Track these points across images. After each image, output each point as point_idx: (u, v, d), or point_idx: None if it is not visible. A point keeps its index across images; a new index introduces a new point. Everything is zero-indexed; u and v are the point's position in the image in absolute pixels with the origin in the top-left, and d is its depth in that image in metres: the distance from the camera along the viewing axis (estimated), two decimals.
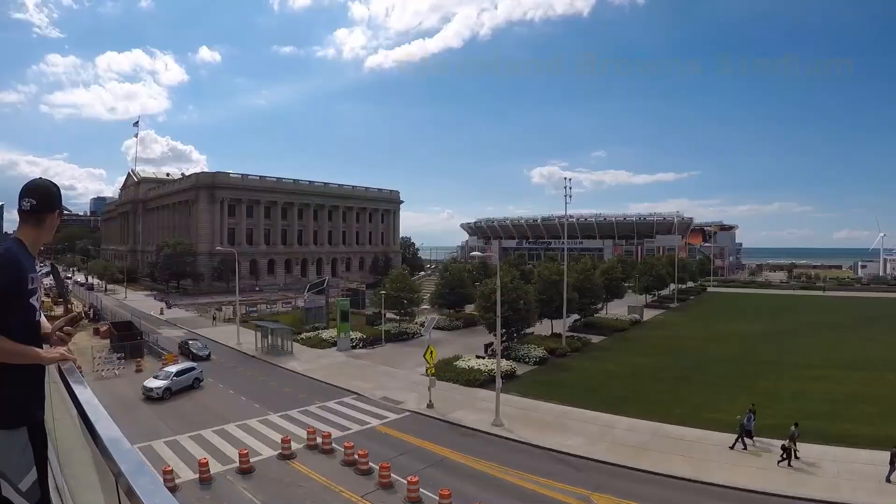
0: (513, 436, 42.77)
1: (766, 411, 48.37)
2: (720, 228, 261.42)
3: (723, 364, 68.67)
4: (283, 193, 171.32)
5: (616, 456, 39.17)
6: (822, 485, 35.05)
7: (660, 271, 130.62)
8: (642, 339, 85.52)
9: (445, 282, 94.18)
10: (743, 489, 34.52)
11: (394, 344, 78.33)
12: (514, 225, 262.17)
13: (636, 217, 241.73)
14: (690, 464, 37.95)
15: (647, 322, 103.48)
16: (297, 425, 44.47)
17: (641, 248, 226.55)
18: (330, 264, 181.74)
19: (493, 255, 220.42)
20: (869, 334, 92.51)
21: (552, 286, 77.29)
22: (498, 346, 51.97)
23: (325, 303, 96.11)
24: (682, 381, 59.75)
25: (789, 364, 68.77)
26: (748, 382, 59.70)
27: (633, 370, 64.66)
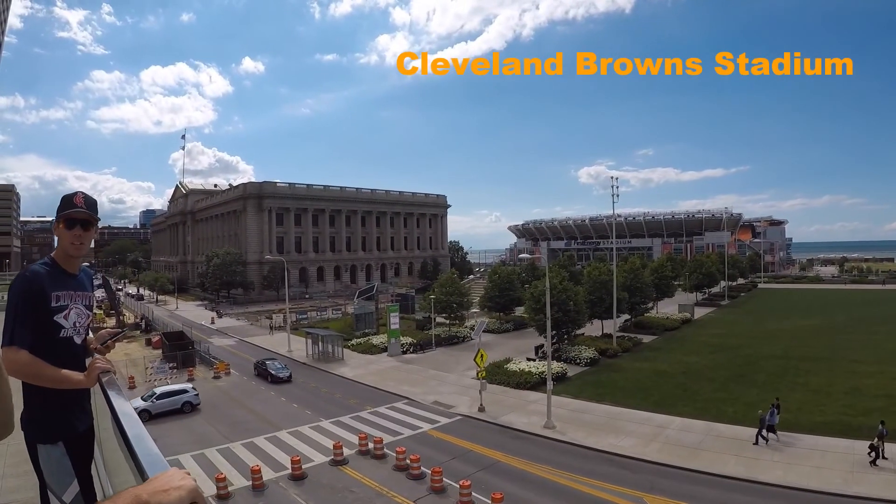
0: (565, 438, 42.54)
1: (820, 408, 48.56)
2: (769, 224, 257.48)
3: (775, 361, 67.65)
4: (329, 201, 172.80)
5: (669, 456, 38.84)
6: (880, 482, 34.35)
7: (709, 268, 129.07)
8: (693, 338, 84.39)
9: (494, 284, 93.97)
10: (797, 488, 33.96)
11: (444, 348, 78.37)
12: (561, 226, 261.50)
13: (684, 214, 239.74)
14: (743, 463, 37.51)
15: (697, 320, 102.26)
16: (349, 431, 44.62)
17: (690, 246, 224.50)
18: (379, 270, 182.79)
19: (542, 256, 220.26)
20: None
21: (601, 286, 76.82)
22: (548, 347, 51.76)
23: (374, 308, 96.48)
24: (735, 380, 58.94)
25: (842, 360, 67.42)
26: (801, 379, 58.98)
27: (685, 369, 63.89)
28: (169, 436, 44.74)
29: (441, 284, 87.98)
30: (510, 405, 50.70)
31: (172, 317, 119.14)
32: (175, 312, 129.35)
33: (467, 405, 50.64)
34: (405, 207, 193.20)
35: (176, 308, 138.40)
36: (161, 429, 46.23)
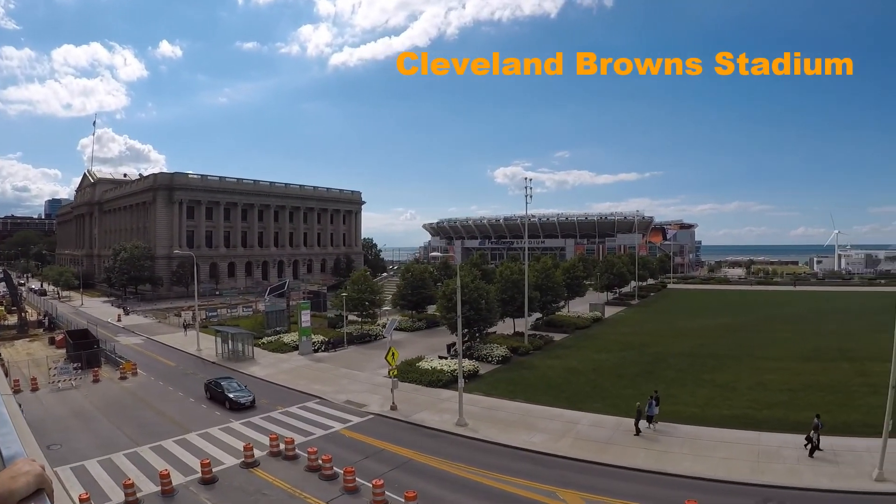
0: (477, 435, 42.88)
1: (727, 403, 50.49)
2: (680, 227, 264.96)
3: (683, 358, 69.66)
4: (243, 194, 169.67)
5: (581, 451, 39.63)
6: (783, 471, 35.98)
7: (620, 269, 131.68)
8: (604, 336, 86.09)
9: (407, 283, 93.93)
10: (706, 479, 35.19)
11: (356, 346, 77.88)
12: (476, 225, 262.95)
13: (597, 216, 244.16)
14: (653, 456, 38.60)
15: (608, 319, 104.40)
16: (260, 432, 43.98)
17: (603, 247, 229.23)
18: (291, 267, 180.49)
19: (455, 255, 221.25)
20: (824, 326, 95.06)
21: (514, 285, 77.54)
22: (460, 346, 51.73)
23: (286, 306, 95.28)
24: (644, 376, 60.41)
25: (748, 357, 70.25)
26: (708, 375, 60.92)
27: (596, 366, 65.13)
28: (74, 440, 43.39)
29: (354, 282, 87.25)
30: (422, 403, 50.82)
31: (77, 314, 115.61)
32: (80, 309, 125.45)
33: (379, 404, 50.54)
34: (319, 203, 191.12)
35: (81, 304, 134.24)
36: (66, 434, 44.83)
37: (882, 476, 34.13)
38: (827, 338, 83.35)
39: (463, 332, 56.18)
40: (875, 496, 32.90)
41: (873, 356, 65.57)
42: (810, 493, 33.43)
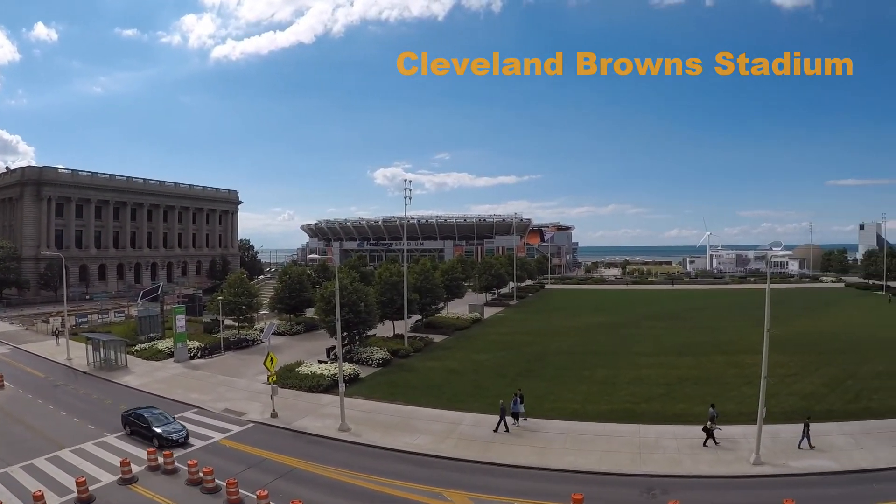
0: (360, 440, 43.00)
1: (606, 398, 52.43)
2: (557, 229, 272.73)
3: (563, 356, 71.87)
4: (115, 191, 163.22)
5: (465, 451, 40.35)
6: (664, 460, 37.92)
7: (499, 270, 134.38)
8: (484, 337, 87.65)
9: (285, 285, 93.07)
10: (589, 472, 36.55)
11: (234, 352, 76.53)
12: (355, 226, 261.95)
13: (476, 218, 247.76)
14: (536, 453, 39.69)
15: (487, 320, 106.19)
16: (138, 445, 42.48)
17: (481, 249, 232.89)
18: (165, 269, 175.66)
19: (333, 257, 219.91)
20: (698, 323, 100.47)
21: (393, 287, 78.05)
22: (339, 349, 51.63)
23: (160, 311, 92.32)
24: (524, 375, 61.85)
25: (625, 353, 73.32)
26: (587, 372, 63.03)
27: (476, 367, 66.42)
28: None
29: (230, 285, 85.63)
30: (303, 409, 50.51)
31: None
32: None
33: (259, 411, 49.93)
34: (195, 202, 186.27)
35: None
36: None
37: (759, 460, 36.81)
38: (701, 333, 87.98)
39: (342, 336, 56.58)
40: (753, 479, 35.26)
41: (745, 349, 70.32)
42: (691, 480, 35.25)
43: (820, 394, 53.56)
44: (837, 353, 71.29)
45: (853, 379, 58.83)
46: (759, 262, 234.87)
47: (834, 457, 38.13)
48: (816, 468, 36.45)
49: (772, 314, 37.84)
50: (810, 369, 62.92)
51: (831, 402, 50.94)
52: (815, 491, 33.45)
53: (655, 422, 45.64)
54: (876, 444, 40.19)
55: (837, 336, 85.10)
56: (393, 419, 47.72)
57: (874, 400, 51.20)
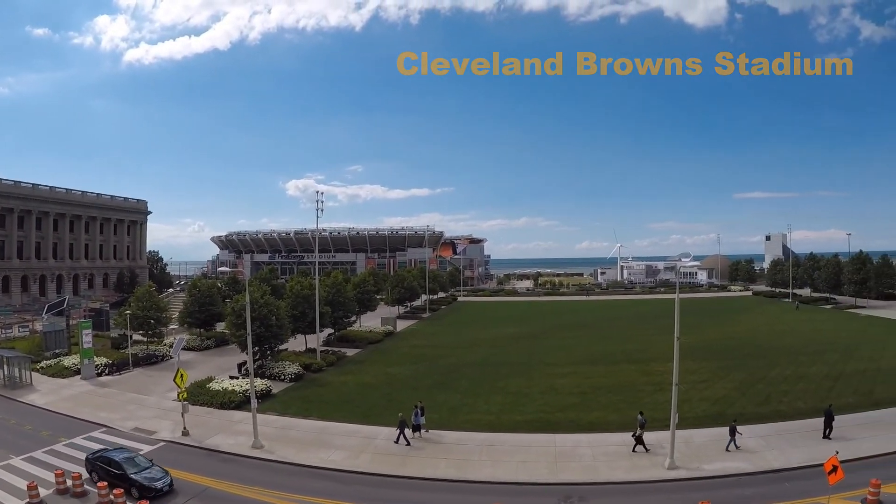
0: (274, 457, 42.37)
1: (521, 409, 52.99)
2: (470, 241, 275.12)
3: (477, 368, 72.43)
4: (18, 199, 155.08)
5: (381, 466, 40.22)
6: (580, 469, 38.62)
7: (411, 283, 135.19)
8: (397, 350, 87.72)
9: (194, 299, 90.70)
10: (507, 482, 37.02)
11: (142, 368, 74.30)
12: (266, 238, 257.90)
13: (389, 231, 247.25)
14: (454, 465, 39.88)
15: (400, 332, 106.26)
16: (44, 468, 40.40)
17: (394, 261, 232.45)
18: (71, 281, 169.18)
19: (244, 269, 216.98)
20: (610, 332, 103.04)
21: (304, 300, 77.57)
22: (251, 364, 50.87)
23: (66, 325, 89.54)
24: (439, 387, 62.21)
25: (539, 363, 74.12)
26: (501, 383, 63.58)
27: (390, 380, 66.35)
28: None
29: (138, 298, 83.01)
30: (215, 427, 49.48)
31: None
32: None
33: (170, 429, 48.57)
34: (102, 211, 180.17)
35: None
36: None
37: (673, 465, 37.88)
38: (613, 342, 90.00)
39: (254, 350, 55.92)
40: (668, 483, 36.29)
41: (656, 357, 72.16)
42: (608, 487, 36.06)
43: (731, 398, 55.68)
44: (747, 359, 74.39)
45: (762, 383, 61.55)
46: (669, 273, 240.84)
47: (747, 458, 39.80)
48: (730, 470, 37.90)
49: (682, 323, 39.43)
50: (721, 375, 65.40)
51: (742, 405, 52.95)
52: (730, 492, 34.77)
53: (571, 431, 46.39)
54: (787, 444, 42.30)
55: (746, 342, 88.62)
56: (307, 435, 47.23)
57: (783, 402, 53.89)
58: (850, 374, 65.56)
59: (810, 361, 72.31)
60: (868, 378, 63.23)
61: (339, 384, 64.96)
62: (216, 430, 48.64)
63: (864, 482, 33.30)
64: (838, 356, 75.48)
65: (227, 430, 48.90)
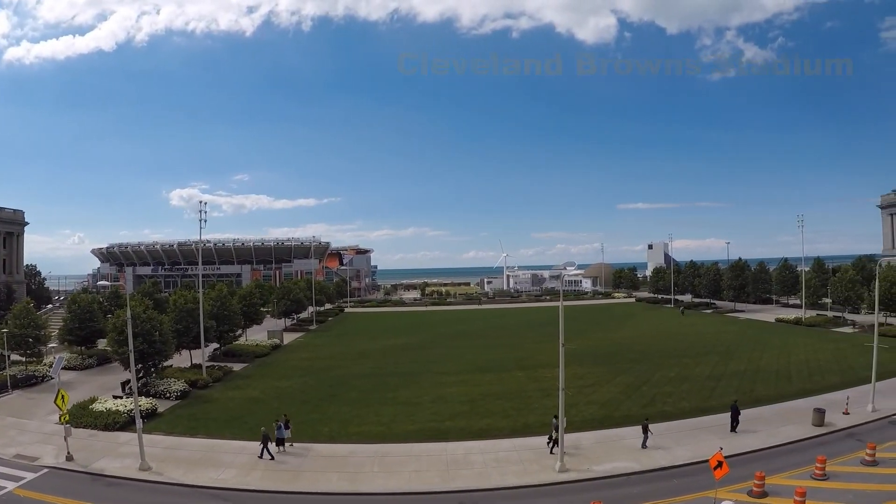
0: (163, 478, 41.17)
1: (411, 418, 53.45)
2: (357, 252, 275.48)
3: (366, 379, 72.59)
4: None
5: (272, 482, 39.71)
6: (472, 476, 39.15)
7: (297, 295, 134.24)
8: (285, 363, 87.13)
9: (74, 315, 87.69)
10: (400, 493, 37.23)
11: (22, 390, 70.45)
12: (148, 250, 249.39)
13: (274, 242, 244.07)
14: (346, 478, 39.82)
15: (288, 345, 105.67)
16: None
17: (279, 273, 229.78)
18: None
19: (126, 283, 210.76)
20: (498, 340, 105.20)
21: (188, 314, 75.99)
22: (134, 383, 49.00)
23: None
24: (328, 400, 62.12)
25: (428, 373, 75.10)
26: (391, 394, 64.06)
27: (278, 394, 65.68)
28: None
29: (15, 316, 79.36)
30: (101, 450, 47.62)
31: None
32: None
33: (54, 455, 46.41)
34: None
35: None
36: None
37: (564, 467, 38.93)
38: (500, 350, 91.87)
39: (137, 368, 54.75)
40: (559, 485, 37.35)
41: (544, 363, 74.43)
42: (501, 492, 36.83)
43: (617, 401, 57.80)
44: (632, 363, 77.46)
45: (647, 385, 64.36)
46: (554, 281, 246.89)
47: (635, 458, 41.53)
48: (619, 470, 39.40)
49: (568, 330, 41.01)
50: (607, 379, 67.79)
51: (628, 407, 55.21)
52: (620, 491, 36.11)
53: (462, 438, 47.15)
54: (673, 443, 44.45)
55: (630, 347, 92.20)
56: (196, 454, 46.17)
57: (668, 403, 56.53)
58: (732, 374, 69.73)
59: (693, 363, 76.35)
60: (748, 377, 67.61)
61: (227, 400, 64.00)
62: (102, 454, 46.89)
63: (749, 475, 35.67)
64: (719, 358, 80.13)
65: (113, 452, 47.28)
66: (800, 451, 43.56)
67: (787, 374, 69.82)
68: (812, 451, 42.17)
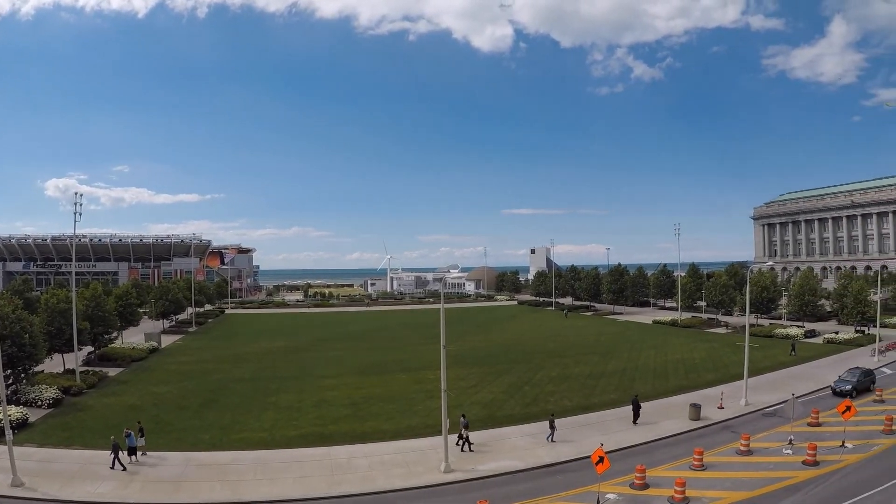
0: (37, 494, 38.65)
1: (294, 423, 52.51)
2: (238, 251, 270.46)
3: (246, 384, 71.10)
4: None
5: (153, 495, 38.14)
6: (357, 480, 38.72)
7: (177, 295, 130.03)
8: (163, 367, 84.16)
9: None
10: (285, 500, 36.48)
11: None
12: (20, 245, 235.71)
13: (153, 239, 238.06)
14: (229, 487, 38.65)
15: (166, 349, 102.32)
16: None
17: (158, 271, 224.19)
18: None
19: None
20: (380, 342, 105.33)
21: (61, 315, 71.85)
22: (2, 390, 46.00)
23: None
24: (208, 406, 60.37)
25: (310, 376, 74.30)
26: (272, 398, 62.81)
27: (157, 400, 63.20)
28: None
29: None
30: None
31: None
32: None
33: None
34: None
35: None
36: None
37: (448, 468, 39.13)
38: (383, 353, 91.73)
39: (6, 374, 51.72)
40: (445, 486, 37.55)
41: (426, 365, 74.70)
42: (387, 495, 36.60)
43: (500, 401, 58.64)
44: (514, 364, 78.77)
45: (529, 385, 65.62)
46: (438, 284, 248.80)
47: (519, 456, 42.22)
48: (504, 469, 39.96)
49: (451, 332, 41.02)
50: (489, 380, 68.78)
51: (511, 407, 56.23)
52: (505, 489, 36.46)
53: (345, 442, 46.59)
54: (557, 440, 45.47)
55: (513, 348, 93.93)
56: (72, 467, 43.55)
57: (550, 402, 57.72)
58: (611, 372, 72.36)
59: (574, 363, 78.64)
60: (627, 376, 70.55)
61: (103, 408, 60.98)
62: None
63: (630, 469, 37.28)
64: (599, 357, 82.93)
65: None
66: (678, 443, 45.80)
67: (664, 372, 73.00)
68: (690, 443, 44.66)
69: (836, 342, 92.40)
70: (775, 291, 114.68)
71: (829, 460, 39.95)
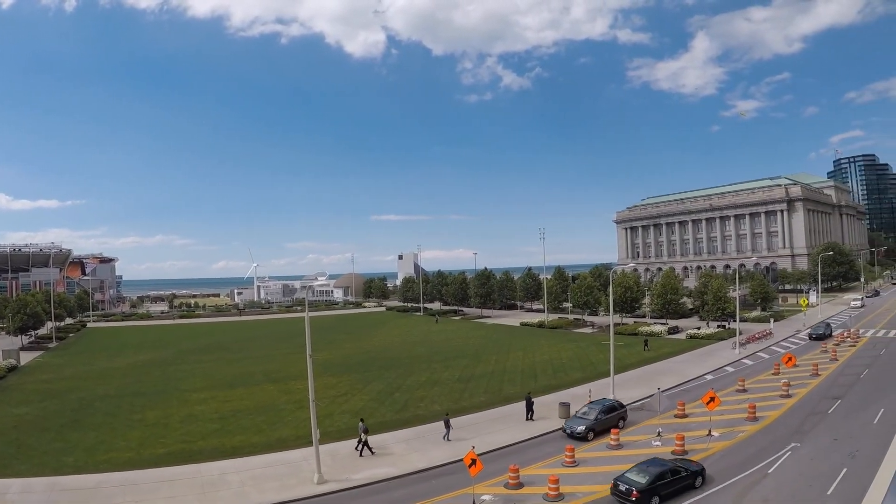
0: None
1: (161, 440, 51.48)
2: (100, 261, 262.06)
3: (110, 400, 69.23)
4: None
5: None
6: (231, 496, 38.30)
7: (35, 308, 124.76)
8: (22, 387, 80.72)
9: None
10: None
11: None
12: None
13: (10, 248, 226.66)
14: None
15: (25, 366, 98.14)
16: None
17: (16, 283, 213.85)
18: None
19: None
20: (247, 353, 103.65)
21: None
22: None
23: None
24: (71, 426, 58.22)
25: (175, 391, 73.02)
26: (137, 415, 61.43)
27: (16, 422, 60.45)
28: None
29: None
30: None
31: None
32: None
33: None
34: None
35: None
36: None
37: (322, 479, 39.43)
38: (250, 363, 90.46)
39: None
40: (320, 497, 37.81)
41: (294, 375, 75.04)
42: None
43: (371, 408, 59.32)
44: (383, 370, 79.90)
45: (400, 391, 66.84)
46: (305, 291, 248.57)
47: (393, 462, 43.01)
48: (378, 476, 40.55)
49: (320, 340, 42.24)
50: (359, 387, 69.50)
51: (383, 413, 57.07)
52: (381, 497, 37.44)
53: (216, 458, 45.96)
54: (430, 445, 46.78)
55: (382, 355, 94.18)
56: None
57: (420, 407, 59.25)
58: (480, 375, 74.39)
59: (443, 367, 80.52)
60: (496, 378, 72.59)
61: None
62: None
63: (503, 469, 38.81)
64: (468, 361, 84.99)
65: None
66: (550, 442, 47.73)
67: (532, 372, 75.59)
68: (561, 441, 46.69)
69: (698, 337, 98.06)
70: (638, 291, 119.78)
71: (697, 449, 42.72)
